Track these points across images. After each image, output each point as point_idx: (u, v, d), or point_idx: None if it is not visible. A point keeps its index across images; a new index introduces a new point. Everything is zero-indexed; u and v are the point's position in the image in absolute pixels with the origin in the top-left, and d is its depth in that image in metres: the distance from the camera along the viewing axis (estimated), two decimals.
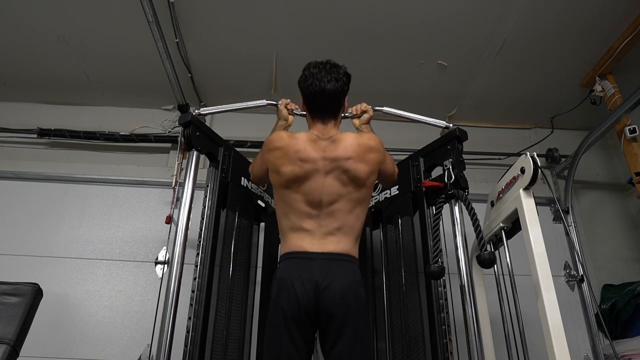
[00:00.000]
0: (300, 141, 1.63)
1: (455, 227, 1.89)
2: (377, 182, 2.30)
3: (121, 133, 3.00)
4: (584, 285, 2.76)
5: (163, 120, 3.14)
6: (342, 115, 1.78)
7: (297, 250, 1.55)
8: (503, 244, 1.95)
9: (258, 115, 3.08)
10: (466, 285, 1.77)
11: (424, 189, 2.00)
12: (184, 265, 1.75)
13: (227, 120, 3.06)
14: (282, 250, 1.62)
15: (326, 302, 1.47)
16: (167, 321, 1.65)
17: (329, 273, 1.49)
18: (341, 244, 1.56)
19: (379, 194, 2.28)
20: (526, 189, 1.74)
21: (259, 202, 2.23)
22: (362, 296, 1.54)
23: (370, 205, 2.32)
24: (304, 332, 1.49)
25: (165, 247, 2.39)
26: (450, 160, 1.92)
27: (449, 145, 1.97)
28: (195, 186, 1.91)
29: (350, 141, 1.63)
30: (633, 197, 2.99)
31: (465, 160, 1.96)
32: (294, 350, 1.47)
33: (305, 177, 1.59)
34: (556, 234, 2.92)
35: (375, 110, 2.05)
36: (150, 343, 2.20)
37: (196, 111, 1.98)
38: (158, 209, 2.83)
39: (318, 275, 1.49)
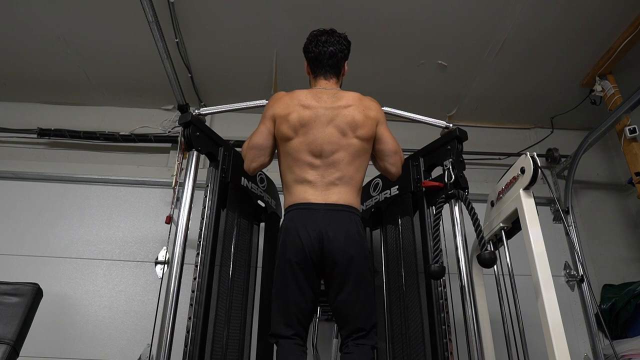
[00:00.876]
0: (302, 93, 1.74)
1: (455, 227, 1.88)
2: (375, 181, 2.32)
3: (121, 133, 3.00)
4: (584, 285, 2.76)
5: (163, 120, 3.14)
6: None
7: (301, 202, 1.63)
8: (503, 244, 1.95)
9: (258, 115, 3.03)
10: (466, 285, 1.77)
11: (424, 189, 2.00)
12: (184, 265, 1.75)
13: (227, 120, 3.06)
14: (286, 202, 1.69)
15: (330, 252, 1.55)
16: (167, 321, 1.65)
17: (332, 223, 1.57)
18: (343, 194, 1.64)
19: (379, 194, 2.28)
20: (526, 189, 1.74)
21: (259, 202, 2.23)
22: (365, 246, 1.63)
23: (370, 205, 2.32)
24: (309, 278, 1.57)
25: (165, 247, 2.39)
26: (450, 160, 1.92)
27: (449, 145, 1.97)
28: (195, 186, 1.91)
29: (351, 94, 1.76)
30: (633, 197, 2.99)
31: (465, 160, 1.96)
32: (301, 295, 1.56)
33: (308, 124, 1.67)
34: (556, 234, 2.93)
35: None
36: (150, 343, 2.20)
37: (196, 111, 1.98)
38: (158, 209, 2.83)
39: (322, 225, 1.56)
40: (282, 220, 1.68)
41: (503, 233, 1.94)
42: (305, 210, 1.61)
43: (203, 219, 1.88)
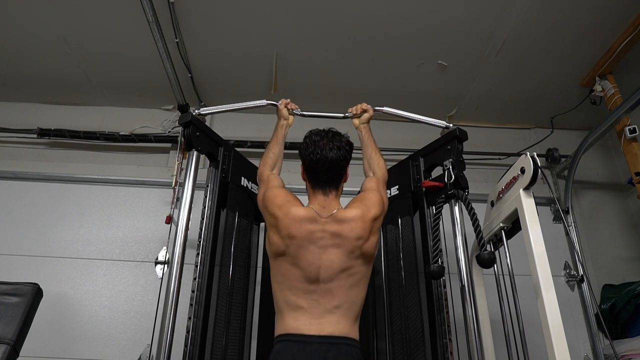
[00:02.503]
0: (296, 218, 1.53)
1: (455, 227, 1.88)
2: None
3: (121, 133, 3.00)
4: (584, 285, 2.76)
5: (163, 120, 3.14)
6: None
7: (293, 332, 1.44)
8: (503, 244, 1.95)
9: (258, 115, 3.08)
10: (466, 285, 1.77)
11: (424, 189, 2.00)
12: (184, 265, 1.75)
13: (227, 120, 3.06)
14: (277, 328, 1.51)
15: None
16: (167, 321, 1.65)
17: None
18: (340, 324, 1.46)
19: None
20: (526, 189, 1.74)
21: None
22: None
23: None
24: None
25: (165, 247, 2.39)
26: (450, 160, 1.92)
27: (449, 145, 1.97)
28: (195, 186, 1.91)
29: (356, 219, 1.54)
30: (633, 197, 2.99)
31: (465, 160, 1.96)
32: None
33: (297, 254, 1.50)
34: (556, 234, 2.92)
35: (375, 110, 2.06)
36: (150, 343, 2.20)
37: (196, 111, 1.98)
38: (158, 209, 2.83)
39: None
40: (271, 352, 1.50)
41: (503, 233, 1.94)
42: (295, 343, 1.42)
43: (203, 219, 1.88)
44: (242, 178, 2.12)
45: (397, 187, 2.17)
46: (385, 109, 2.08)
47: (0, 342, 1.76)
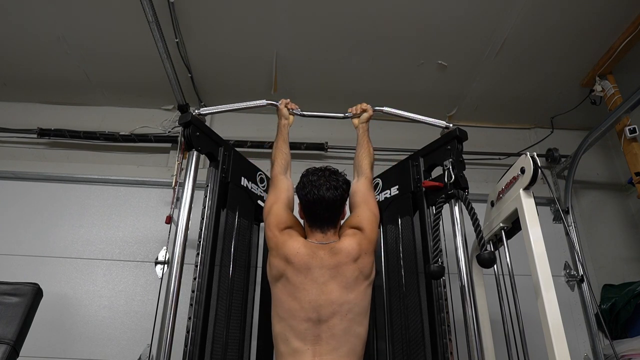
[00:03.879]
0: (294, 247, 1.55)
1: (455, 227, 1.88)
2: (375, 182, 2.32)
3: (121, 133, 3.00)
4: (584, 285, 2.76)
5: (163, 120, 3.14)
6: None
7: None
8: (503, 244, 1.95)
9: (258, 115, 3.08)
10: (466, 285, 1.76)
11: (424, 189, 2.00)
12: (184, 265, 1.75)
13: (227, 120, 3.06)
14: None
15: None
16: (167, 321, 1.64)
17: None
18: None
19: (378, 194, 2.28)
20: (526, 189, 1.74)
21: (259, 202, 2.23)
22: None
23: None
24: None
25: (165, 247, 2.39)
26: (450, 160, 1.92)
27: (449, 145, 1.97)
28: (195, 186, 1.91)
29: (351, 244, 1.56)
30: (633, 197, 2.99)
31: (465, 160, 1.95)
32: None
33: (295, 281, 1.49)
34: (556, 234, 2.92)
35: (375, 110, 2.06)
36: (150, 343, 2.20)
37: (196, 111, 1.98)
38: (158, 209, 2.83)
39: None
40: None
41: (503, 233, 1.94)
42: None
43: (203, 219, 1.88)
44: (242, 178, 2.12)
45: (397, 187, 2.17)
46: (385, 109, 2.09)
47: (0, 342, 1.76)
